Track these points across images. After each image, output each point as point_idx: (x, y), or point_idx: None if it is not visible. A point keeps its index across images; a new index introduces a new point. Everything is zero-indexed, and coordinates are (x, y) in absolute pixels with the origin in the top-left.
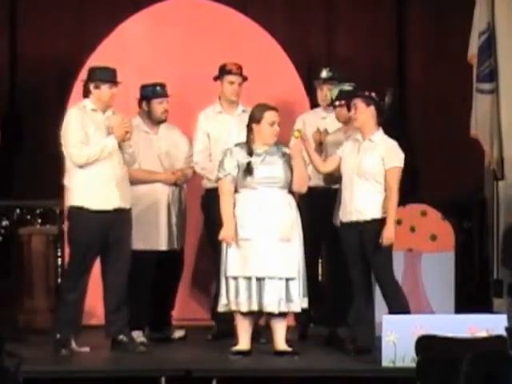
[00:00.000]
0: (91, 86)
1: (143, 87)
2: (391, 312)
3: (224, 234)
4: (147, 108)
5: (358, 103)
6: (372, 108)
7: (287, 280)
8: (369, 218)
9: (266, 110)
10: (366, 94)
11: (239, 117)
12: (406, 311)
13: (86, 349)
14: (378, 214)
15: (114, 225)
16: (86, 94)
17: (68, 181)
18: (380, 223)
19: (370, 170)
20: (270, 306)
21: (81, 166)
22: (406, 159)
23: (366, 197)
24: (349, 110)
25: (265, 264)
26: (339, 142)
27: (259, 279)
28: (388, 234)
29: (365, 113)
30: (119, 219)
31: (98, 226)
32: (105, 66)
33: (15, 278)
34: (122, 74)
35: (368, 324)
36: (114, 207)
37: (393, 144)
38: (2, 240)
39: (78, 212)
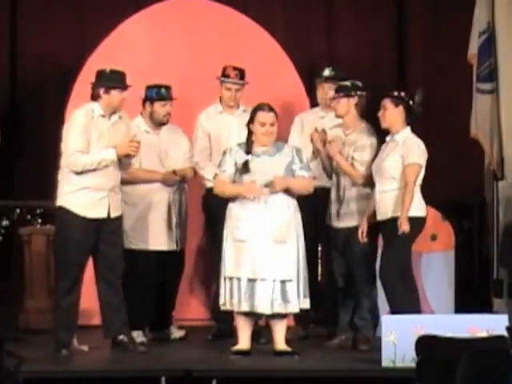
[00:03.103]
0: (101, 91)
1: (148, 88)
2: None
3: (247, 189)
4: (150, 109)
5: (387, 103)
6: (401, 108)
7: (284, 281)
8: (388, 216)
9: (258, 110)
10: (396, 93)
11: (240, 117)
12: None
13: (85, 347)
14: (395, 212)
15: (102, 228)
16: (95, 97)
17: (61, 178)
18: (395, 221)
19: (388, 168)
20: (261, 308)
21: (76, 173)
22: None
23: (384, 195)
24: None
25: (256, 266)
26: (338, 138)
27: (251, 280)
28: (403, 227)
29: (393, 113)
30: (108, 224)
31: (86, 229)
32: (114, 70)
33: (15, 277)
34: None
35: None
36: (102, 216)
37: (415, 142)
38: (3, 240)
39: (66, 214)
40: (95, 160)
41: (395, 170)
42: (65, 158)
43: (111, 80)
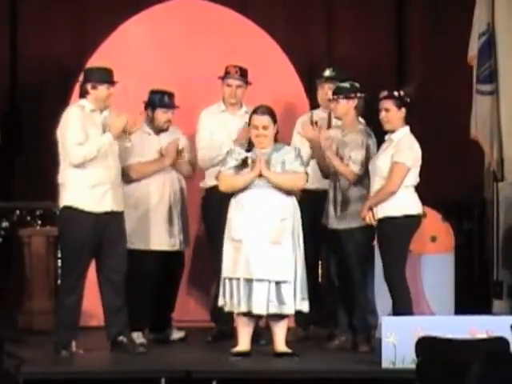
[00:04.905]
0: (89, 87)
1: (152, 93)
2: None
3: (257, 168)
4: (151, 114)
5: (390, 106)
6: (403, 110)
7: (279, 282)
8: (380, 215)
9: (253, 113)
10: (396, 94)
11: (242, 117)
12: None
13: (81, 351)
14: (390, 212)
15: (107, 226)
16: (84, 94)
17: (62, 180)
18: (391, 221)
19: (379, 166)
20: (258, 308)
21: (77, 166)
22: None
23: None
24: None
25: (252, 266)
26: (336, 139)
27: (248, 281)
28: (363, 213)
29: (396, 115)
30: (112, 221)
31: (91, 226)
32: (101, 67)
33: (15, 279)
34: (123, 74)
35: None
36: (107, 210)
37: (409, 142)
38: (2, 241)
39: (72, 212)
40: (94, 148)
41: (387, 168)
42: (66, 155)
43: (98, 76)
